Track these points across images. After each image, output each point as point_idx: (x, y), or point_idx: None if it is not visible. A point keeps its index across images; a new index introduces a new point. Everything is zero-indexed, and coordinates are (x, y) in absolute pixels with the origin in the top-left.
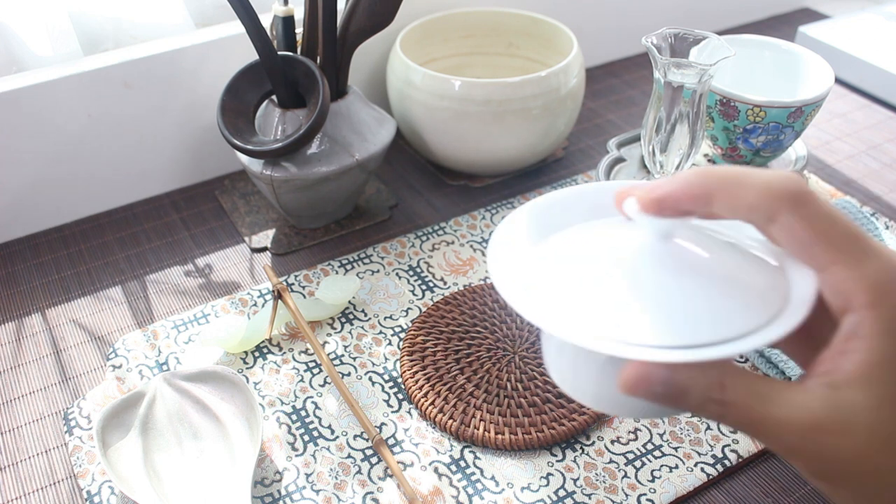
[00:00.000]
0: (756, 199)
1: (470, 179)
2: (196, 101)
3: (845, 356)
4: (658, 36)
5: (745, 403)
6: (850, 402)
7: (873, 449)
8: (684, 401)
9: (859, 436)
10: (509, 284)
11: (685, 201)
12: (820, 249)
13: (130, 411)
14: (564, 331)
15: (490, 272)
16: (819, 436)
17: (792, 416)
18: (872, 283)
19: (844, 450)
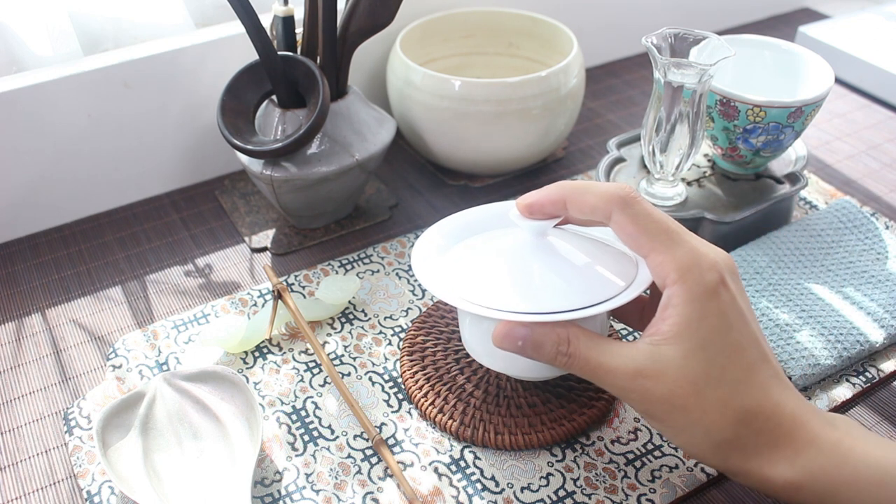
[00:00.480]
0: (595, 202)
1: (470, 179)
2: (196, 101)
3: (663, 321)
4: (658, 36)
5: (585, 354)
6: (665, 354)
7: (682, 390)
8: (541, 352)
9: (670, 380)
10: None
11: (547, 206)
12: (643, 240)
13: (130, 411)
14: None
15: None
16: (641, 380)
17: (621, 365)
18: (679, 265)
19: (660, 391)
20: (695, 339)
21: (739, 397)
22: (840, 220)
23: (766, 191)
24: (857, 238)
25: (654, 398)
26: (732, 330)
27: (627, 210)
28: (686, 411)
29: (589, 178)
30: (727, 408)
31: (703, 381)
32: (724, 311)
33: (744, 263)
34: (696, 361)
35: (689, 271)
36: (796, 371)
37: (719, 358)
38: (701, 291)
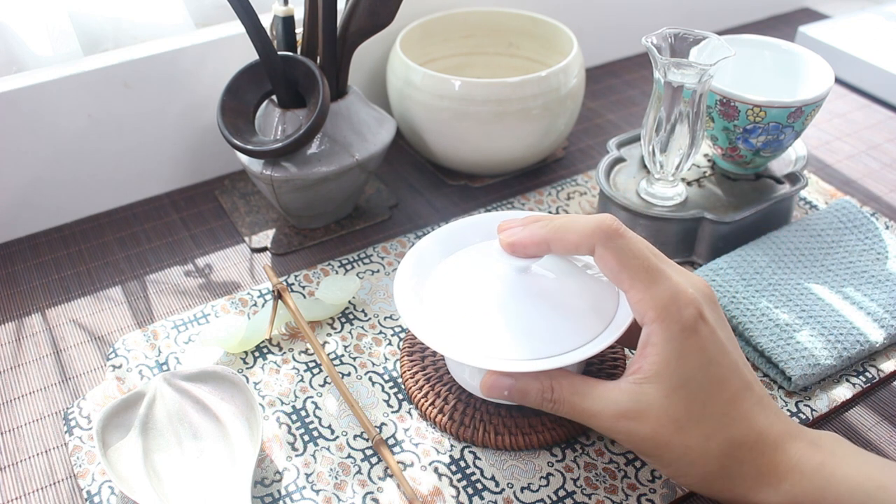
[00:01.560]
0: (578, 240)
1: (470, 179)
2: (196, 101)
3: (644, 358)
4: (658, 36)
5: (569, 401)
6: (646, 393)
7: (664, 429)
8: (526, 400)
9: (653, 419)
10: (414, 319)
11: (530, 247)
12: (623, 276)
13: (130, 411)
14: (449, 351)
15: (399, 310)
16: (624, 422)
17: (605, 409)
18: (657, 304)
19: (643, 431)
20: (675, 378)
21: (722, 431)
22: (840, 220)
23: (766, 191)
24: (857, 238)
25: (639, 438)
26: (712, 364)
27: (609, 245)
28: (670, 448)
29: (589, 178)
30: (710, 441)
31: (685, 418)
32: (703, 346)
33: (744, 263)
34: (678, 399)
35: (667, 310)
36: (796, 371)
37: (700, 394)
38: (679, 329)
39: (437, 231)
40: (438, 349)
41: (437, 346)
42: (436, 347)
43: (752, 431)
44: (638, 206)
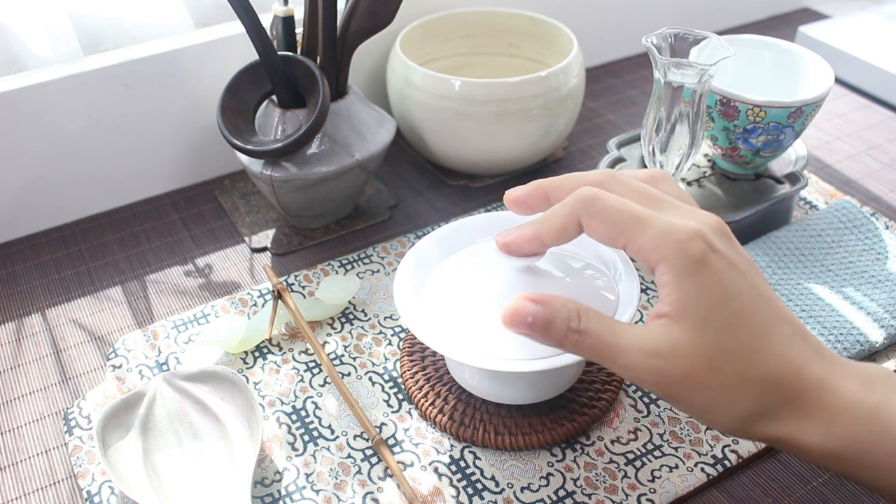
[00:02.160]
0: (562, 221)
1: (470, 179)
2: (196, 101)
3: (664, 303)
4: (658, 36)
5: (597, 332)
6: (676, 333)
7: (697, 368)
8: (551, 330)
9: (684, 358)
10: (414, 319)
11: (524, 246)
12: (616, 234)
13: (130, 411)
14: (449, 351)
15: (399, 310)
16: (655, 360)
17: (635, 344)
18: (657, 244)
19: (676, 371)
20: (698, 315)
21: (756, 367)
22: (840, 220)
23: (766, 191)
24: (857, 238)
25: (671, 379)
26: (733, 298)
27: (591, 210)
28: (705, 389)
29: None
30: (745, 381)
31: (717, 355)
32: (718, 278)
33: None
34: (705, 337)
35: (669, 247)
36: None
37: (727, 330)
38: (687, 263)
39: (437, 231)
40: (438, 349)
41: (437, 346)
42: (436, 347)
43: (790, 368)
44: None
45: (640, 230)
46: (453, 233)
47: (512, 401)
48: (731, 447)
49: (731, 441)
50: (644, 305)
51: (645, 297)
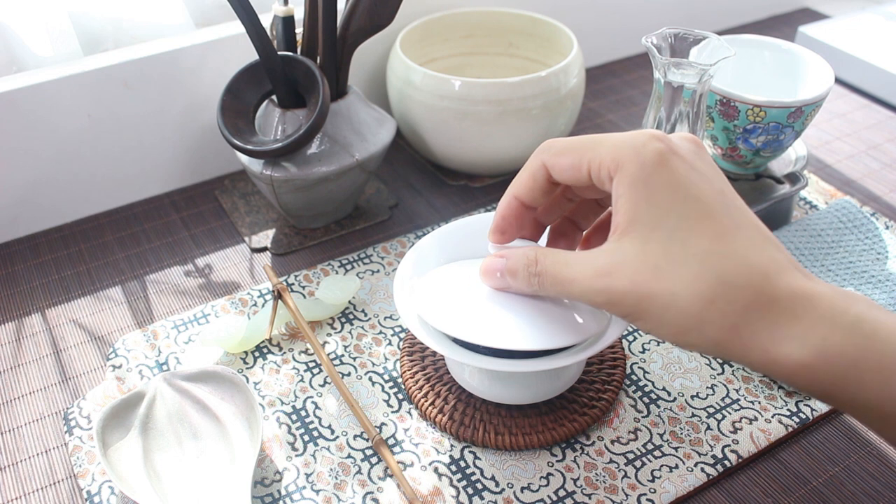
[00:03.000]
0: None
1: (470, 179)
2: (196, 101)
3: (617, 215)
4: (658, 36)
5: (552, 270)
6: (623, 247)
7: (643, 278)
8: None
9: (631, 270)
10: (414, 319)
11: (505, 212)
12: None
13: (130, 411)
14: (449, 351)
15: (399, 310)
16: (600, 279)
17: (583, 270)
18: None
19: (620, 285)
20: (648, 221)
21: (711, 269)
22: (840, 220)
23: (766, 191)
24: (857, 238)
25: (618, 294)
26: (690, 198)
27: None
28: (652, 298)
29: None
30: (699, 282)
31: (664, 261)
32: (675, 179)
33: None
34: (654, 243)
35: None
36: None
37: (678, 233)
38: (639, 167)
39: (437, 231)
40: (438, 349)
41: (436, 346)
42: (436, 347)
43: (755, 272)
44: None
45: (598, 145)
46: (453, 233)
47: (512, 401)
48: (730, 447)
49: (731, 441)
50: None
51: None
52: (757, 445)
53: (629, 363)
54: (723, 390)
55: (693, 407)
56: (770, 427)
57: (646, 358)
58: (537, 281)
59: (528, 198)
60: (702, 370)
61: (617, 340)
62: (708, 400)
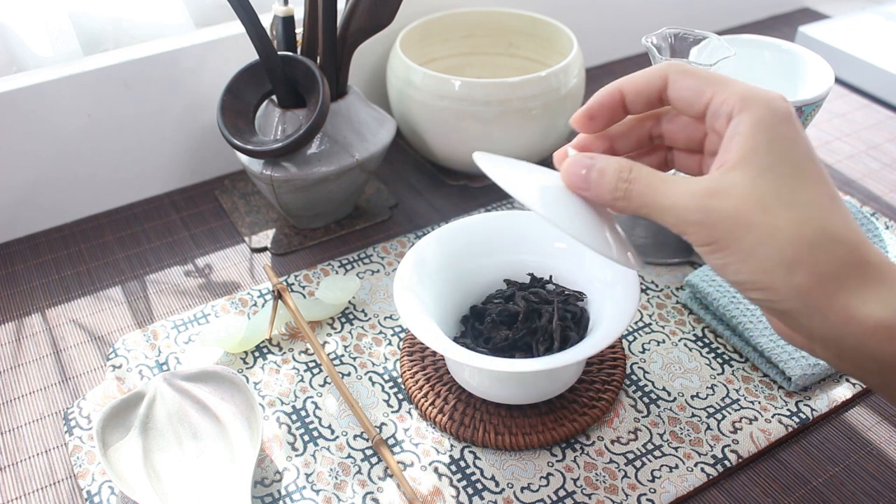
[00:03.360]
0: (649, 74)
1: (470, 179)
2: (196, 101)
3: (728, 152)
4: (658, 36)
5: (647, 180)
6: (732, 176)
7: (748, 206)
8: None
9: (737, 196)
10: (414, 319)
11: (603, 97)
12: (703, 86)
13: (130, 411)
14: (449, 351)
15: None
16: (703, 198)
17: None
18: (743, 96)
19: (724, 207)
20: (764, 160)
21: (817, 219)
22: None
23: None
24: None
25: (717, 216)
26: (805, 156)
27: (682, 68)
28: (753, 228)
29: None
30: (803, 226)
31: (774, 199)
32: (796, 136)
33: None
34: (766, 181)
35: (755, 99)
36: (796, 371)
37: (792, 180)
38: (769, 115)
39: (437, 231)
40: (438, 349)
41: (437, 346)
42: (436, 348)
43: (851, 233)
44: None
45: (728, 84)
46: (453, 233)
47: (512, 401)
48: (730, 447)
49: (731, 441)
50: (644, 305)
51: (645, 296)
52: (757, 445)
53: (629, 363)
54: (723, 390)
55: (693, 407)
56: (770, 427)
57: (646, 358)
58: (626, 188)
59: (632, 94)
60: (702, 370)
61: (617, 340)
62: (708, 400)
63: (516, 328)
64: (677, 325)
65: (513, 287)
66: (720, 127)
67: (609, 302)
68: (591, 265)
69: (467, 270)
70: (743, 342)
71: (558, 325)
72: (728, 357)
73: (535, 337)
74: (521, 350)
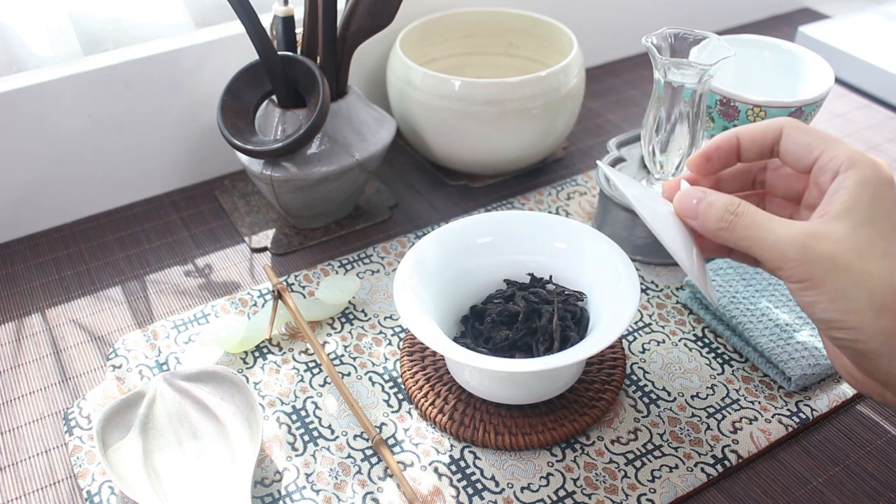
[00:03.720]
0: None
1: (470, 179)
2: (196, 101)
3: (831, 203)
4: (658, 36)
5: (752, 215)
6: (833, 224)
7: (846, 251)
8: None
9: (836, 241)
10: (414, 319)
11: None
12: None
13: (130, 411)
14: (449, 351)
15: (399, 310)
16: (807, 238)
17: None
18: (851, 155)
19: (823, 248)
20: (865, 214)
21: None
22: None
23: None
24: None
25: (815, 255)
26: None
27: (796, 124)
28: (848, 271)
29: (589, 178)
30: (893, 276)
31: (869, 249)
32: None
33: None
34: (865, 232)
35: (862, 160)
36: (796, 371)
37: (888, 235)
38: (874, 175)
39: (437, 231)
40: (438, 349)
41: (437, 346)
42: (436, 347)
43: None
44: None
45: (838, 144)
46: (453, 233)
47: (512, 401)
48: (730, 447)
49: (731, 441)
50: (644, 305)
51: (645, 296)
52: (757, 445)
53: (629, 363)
54: (723, 390)
55: (693, 407)
56: (770, 427)
57: (646, 358)
58: (731, 220)
59: (747, 142)
60: (702, 370)
61: (617, 340)
62: (708, 400)
63: (516, 328)
64: (677, 325)
65: (513, 287)
66: (824, 182)
67: (609, 302)
68: (591, 265)
69: (467, 270)
70: (743, 342)
71: (558, 325)
72: (728, 357)
73: (535, 337)
74: (521, 350)
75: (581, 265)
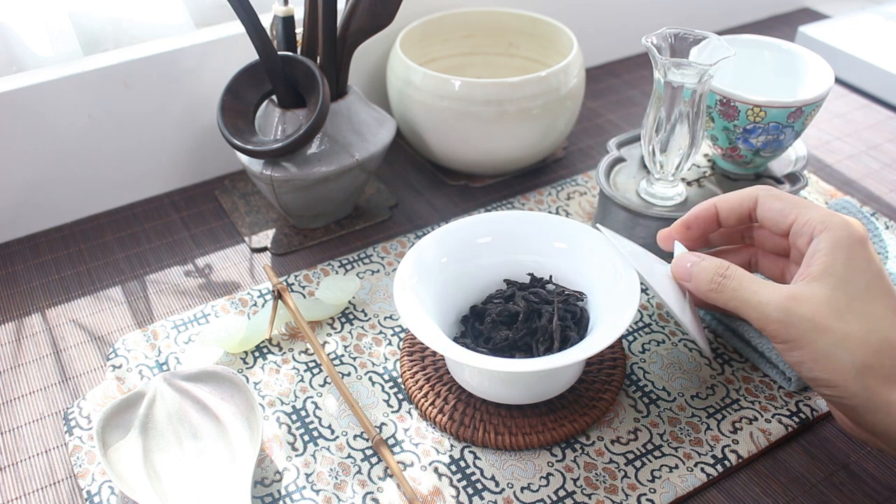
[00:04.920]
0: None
1: (470, 179)
2: (196, 101)
3: (809, 266)
4: (658, 36)
5: (740, 278)
6: (812, 286)
7: (825, 312)
8: (703, 275)
9: (815, 303)
10: (414, 319)
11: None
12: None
13: (130, 411)
14: (449, 351)
15: (399, 310)
16: (788, 300)
17: (771, 290)
18: (824, 218)
19: (804, 311)
20: (841, 276)
21: (883, 330)
22: None
23: None
24: None
25: (797, 318)
26: (878, 275)
27: (770, 192)
28: (828, 332)
29: (589, 178)
30: (870, 334)
31: (847, 309)
32: (870, 256)
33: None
34: (842, 293)
35: (834, 221)
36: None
37: (865, 294)
38: (847, 236)
39: (437, 231)
40: (438, 349)
41: (437, 346)
42: (436, 347)
43: None
44: (638, 207)
45: (810, 208)
46: (453, 233)
47: (512, 401)
48: (730, 447)
49: (731, 441)
50: (644, 305)
51: (645, 296)
52: (757, 445)
53: (629, 363)
54: (723, 390)
55: (693, 407)
56: (770, 427)
57: (646, 358)
58: (720, 281)
59: (725, 211)
60: (702, 370)
61: (617, 341)
62: (708, 400)
63: (516, 328)
64: (677, 325)
65: (513, 287)
66: (801, 244)
67: (609, 302)
68: (591, 265)
69: (467, 270)
70: (743, 342)
71: (558, 326)
72: (728, 357)
73: (535, 337)
74: (521, 350)
75: (581, 265)
